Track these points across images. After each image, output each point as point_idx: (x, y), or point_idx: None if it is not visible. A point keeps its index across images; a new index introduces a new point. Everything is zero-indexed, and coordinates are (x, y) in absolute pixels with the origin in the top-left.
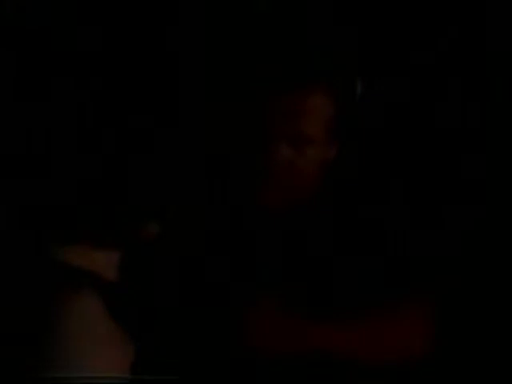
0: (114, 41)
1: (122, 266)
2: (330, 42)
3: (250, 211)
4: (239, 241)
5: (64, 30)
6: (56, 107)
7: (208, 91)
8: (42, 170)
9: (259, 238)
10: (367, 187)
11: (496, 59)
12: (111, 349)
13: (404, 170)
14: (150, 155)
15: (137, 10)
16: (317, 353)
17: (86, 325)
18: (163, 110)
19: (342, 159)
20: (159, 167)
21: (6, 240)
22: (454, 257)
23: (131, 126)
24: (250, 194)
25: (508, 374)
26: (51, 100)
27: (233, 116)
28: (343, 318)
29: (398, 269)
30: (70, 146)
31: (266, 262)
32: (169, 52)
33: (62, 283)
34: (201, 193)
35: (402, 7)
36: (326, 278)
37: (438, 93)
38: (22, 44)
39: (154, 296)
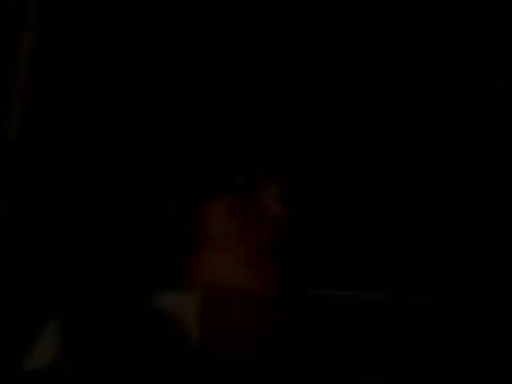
0: (114, 41)
1: None
2: (330, 43)
3: None
4: None
5: (64, 30)
6: (56, 108)
7: (208, 91)
8: (43, 170)
9: None
10: (368, 187)
11: (496, 59)
12: None
13: (404, 169)
14: (150, 156)
15: (137, 11)
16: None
17: None
18: (163, 110)
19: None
20: (159, 167)
21: (9, 240)
22: (454, 257)
23: (131, 126)
24: None
25: (508, 374)
26: (51, 101)
27: (233, 116)
28: None
29: (398, 269)
30: (70, 147)
31: None
32: (169, 52)
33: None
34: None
35: (402, 7)
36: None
37: (438, 93)
38: (22, 44)
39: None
